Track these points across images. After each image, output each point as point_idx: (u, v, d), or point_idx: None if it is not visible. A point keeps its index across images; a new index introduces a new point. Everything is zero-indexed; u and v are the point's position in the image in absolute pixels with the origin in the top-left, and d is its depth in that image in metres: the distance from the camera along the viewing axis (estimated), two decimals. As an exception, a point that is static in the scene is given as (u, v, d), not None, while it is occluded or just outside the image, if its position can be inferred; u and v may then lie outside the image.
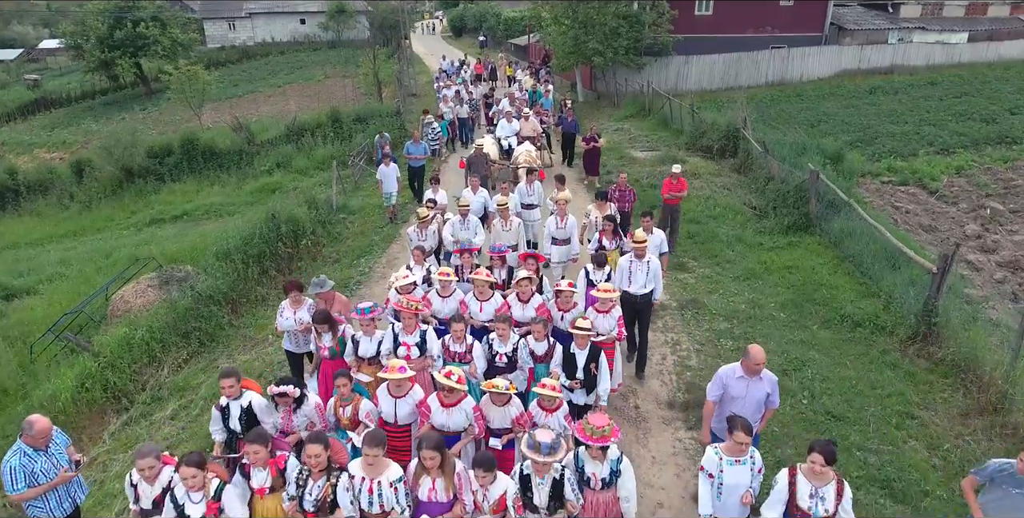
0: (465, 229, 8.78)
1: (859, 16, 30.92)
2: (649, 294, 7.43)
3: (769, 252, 11.45)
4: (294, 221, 12.04)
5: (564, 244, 8.92)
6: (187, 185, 21.02)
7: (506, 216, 8.87)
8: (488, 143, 14.13)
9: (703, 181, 15.14)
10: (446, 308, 6.77)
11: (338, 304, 6.96)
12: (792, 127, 19.89)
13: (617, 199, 10.39)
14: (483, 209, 10.15)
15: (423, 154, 14.27)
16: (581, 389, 5.78)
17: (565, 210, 8.84)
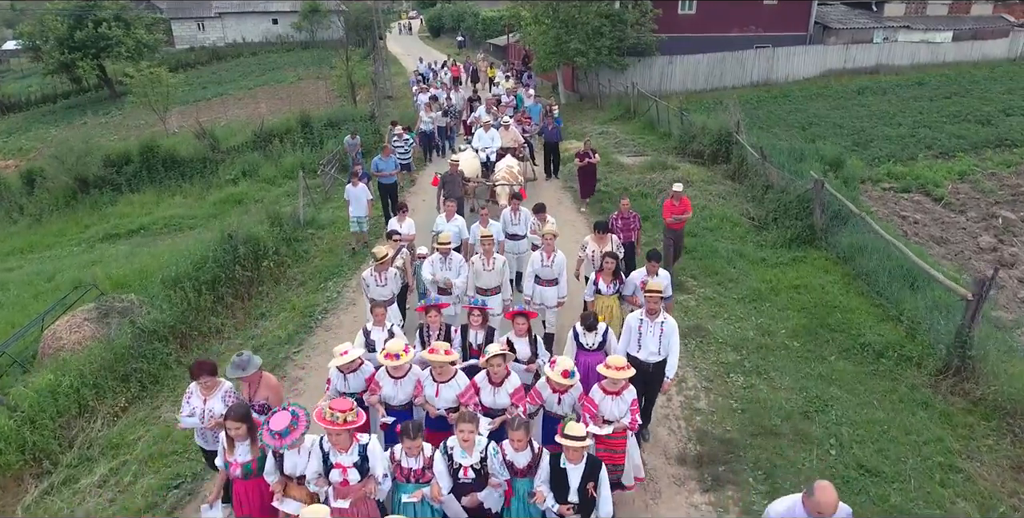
0: (447, 269, 7.55)
1: (843, 15, 30.42)
2: (662, 363, 6.01)
3: (773, 269, 10.58)
4: (254, 241, 10.90)
5: (551, 285, 7.56)
6: (146, 196, 19.66)
7: (489, 253, 7.50)
8: (465, 158, 12.69)
9: (696, 189, 14.25)
10: (400, 393, 5.28)
11: (265, 389, 5.19)
12: (783, 130, 19.15)
13: (620, 228, 9.03)
14: (458, 240, 8.98)
15: (393, 169, 13.01)
16: (575, 516, 4.39)
17: (553, 245, 7.50)
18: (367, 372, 5.50)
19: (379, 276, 7.29)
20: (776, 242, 11.50)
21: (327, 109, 25.75)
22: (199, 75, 46.15)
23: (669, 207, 9.82)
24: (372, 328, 6.20)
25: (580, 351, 6.03)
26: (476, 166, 12.96)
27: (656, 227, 11.94)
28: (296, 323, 9.36)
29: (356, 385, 5.49)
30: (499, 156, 13.23)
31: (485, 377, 5.23)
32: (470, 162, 12.67)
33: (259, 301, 10.44)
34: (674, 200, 9.73)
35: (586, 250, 8.08)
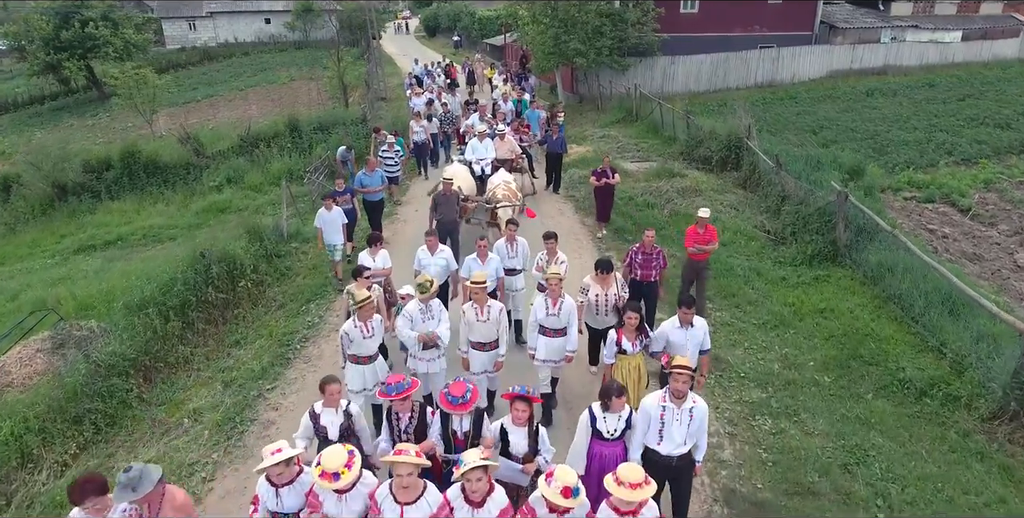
0: (428, 317, 6.17)
1: (849, 14, 29.62)
2: (689, 454, 4.81)
3: (795, 290, 9.73)
4: (230, 259, 10.01)
5: (559, 336, 6.34)
6: (126, 204, 18.75)
7: (482, 302, 6.10)
8: (459, 173, 11.26)
9: (706, 199, 13.39)
10: (346, 511, 3.97)
11: (170, 509, 3.90)
12: (794, 134, 18.33)
13: (639, 265, 7.70)
14: (445, 275, 7.87)
15: (380, 185, 11.69)
16: None
17: (559, 291, 6.25)
18: (306, 484, 4.11)
19: (365, 326, 5.86)
20: (796, 259, 10.65)
21: (318, 112, 24.87)
22: (190, 76, 45.19)
23: (692, 235, 8.45)
24: (322, 410, 4.86)
25: (596, 440, 4.70)
26: (472, 182, 11.68)
27: (667, 245, 11.09)
28: (272, 353, 8.47)
29: (292, 503, 4.14)
30: (493, 168, 12.20)
31: (460, 494, 3.86)
32: (464, 177, 11.41)
33: (234, 326, 9.56)
34: (699, 227, 8.40)
35: (587, 294, 6.81)
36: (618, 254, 10.62)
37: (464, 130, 15.26)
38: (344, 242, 10.19)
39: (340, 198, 10.60)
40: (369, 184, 11.49)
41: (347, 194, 10.72)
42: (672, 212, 12.98)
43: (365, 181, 11.49)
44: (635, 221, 12.67)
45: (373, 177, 11.58)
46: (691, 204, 13.23)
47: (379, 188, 11.63)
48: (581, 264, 10.96)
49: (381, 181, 11.72)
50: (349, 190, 10.91)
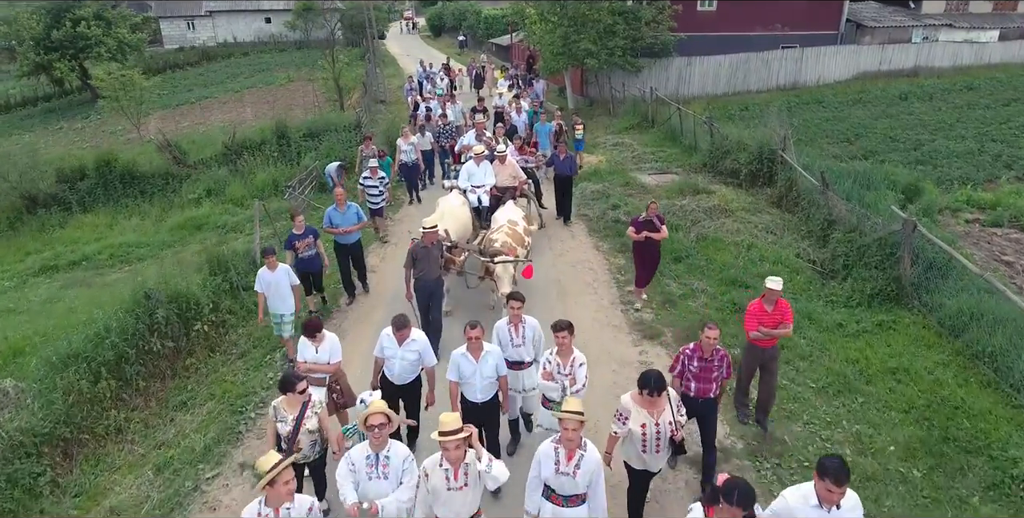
0: (377, 475, 4.15)
1: (878, 12, 27.85)
2: None
3: (856, 340, 8.10)
4: (183, 299, 8.47)
5: (573, 505, 4.28)
6: (99, 217, 17.29)
7: (456, 462, 4.01)
8: (450, 210, 9.17)
9: (737, 221, 11.79)
10: None
11: None
12: (829, 143, 16.67)
13: (696, 375, 5.44)
14: (416, 373, 5.89)
15: (354, 222, 9.17)
16: None
17: (578, 438, 4.14)
18: None
19: (275, 513, 3.72)
20: (852, 298, 9.01)
21: (310, 117, 23.37)
22: (186, 77, 43.89)
23: (758, 313, 6.13)
24: None
25: None
26: (465, 221, 9.44)
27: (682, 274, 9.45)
28: (221, 424, 6.92)
29: None
30: (493, 198, 10.27)
31: None
32: (457, 214, 9.22)
33: (184, 380, 8.02)
34: (766, 303, 6.12)
35: (626, 422, 4.76)
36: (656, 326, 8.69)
37: (459, 149, 13.04)
38: (287, 316, 7.79)
39: (300, 243, 8.50)
40: (341, 223, 9.07)
41: (309, 237, 8.55)
42: (700, 236, 11.35)
43: (335, 219, 9.08)
44: (659, 247, 11.05)
45: (345, 214, 9.07)
46: (720, 226, 11.63)
47: (353, 227, 9.17)
48: (597, 302, 9.39)
49: (357, 218, 9.25)
50: (311, 232, 8.65)
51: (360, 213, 9.40)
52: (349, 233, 9.17)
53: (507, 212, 9.30)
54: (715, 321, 5.89)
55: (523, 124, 15.28)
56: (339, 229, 9.11)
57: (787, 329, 6.18)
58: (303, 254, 8.53)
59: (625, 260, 10.80)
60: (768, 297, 6.15)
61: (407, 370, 5.82)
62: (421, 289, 7.73)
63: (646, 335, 8.48)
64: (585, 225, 12.39)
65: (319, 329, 5.98)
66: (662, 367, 7.78)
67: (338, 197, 9.22)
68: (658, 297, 9.55)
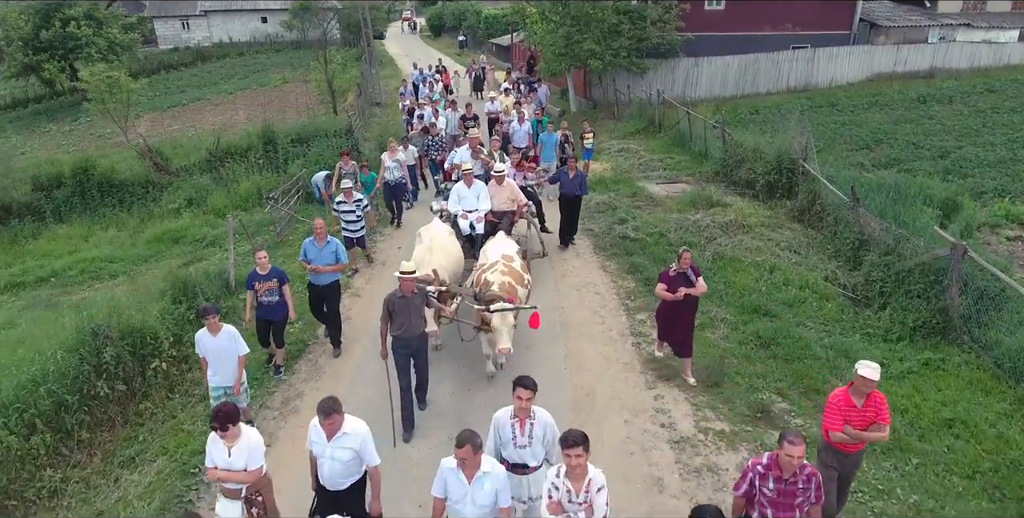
0: None
1: (892, 12, 26.83)
2: None
3: (901, 384, 7.11)
4: (138, 334, 7.50)
5: None
6: (75, 228, 16.32)
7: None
8: (438, 245, 7.76)
9: (756, 238, 10.80)
10: None
11: None
12: (847, 150, 15.67)
13: (773, 501, 4.06)
14: (355, 476, 4.53)
15: (330, 262, 7.76)
16: None
17: None
18: None
19: None
20: (891, 331, 8.04)
21: (302, 120, 22.40)
22: (180, 77, 42.94)
23: (844, 405, 4.61)
24: None
25: None
26: (457, 256, 8.10)
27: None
28: (168, 490, 5.94)
29: None
30: (490, 224, 8.89)
31: None
32: (445, 246, 7.84)
33: (136, 428, 7.05)
34: (855, 395, 4.61)
35: None
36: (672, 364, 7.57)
37: (448, 167, 11.46)
38: (227, 389, 6.28)
39: (261, 285, 7.10)
40: (315, 260, 7.70)
41: (273, 280, 7.14)
42: (716, 255, 10.37)
43: (311, 253, 7.72)
44: (670, 267, 10.07)
45: (322, 249, 7.68)
46: (738, 244, 10.64)
47: (331, 266, 7.75)
48: (605, 334, 8.39)
49: (335, 258, 7.77)
50: (277, 274, 7.20)
51: (341, 252, 7.85)
52: (326, 273, 7.76)
53: (499, 246, 7.83)
54: (797, 433, 3.99)
55: (525, 134, 13.93)
56: (314, 265, 7.75)
57: (883, 432, 4.65)
58: (263, 298, 7.18)
59: (635, 283, 9.83)
60: (857, 388, 4.58)
61: (340, 473, 4.42)
62: (400, 348, 6.31)
63: (661, 375, 7.49)
64: (590, 241, 11.40)
65: (233, 421, 4.33)
66: (680, 415, 6.86)
67: (318, 230, 7.78)
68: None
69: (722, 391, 7.15)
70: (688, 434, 6.47)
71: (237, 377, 6.30)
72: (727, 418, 6.71)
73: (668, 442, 6.41)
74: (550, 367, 7.64)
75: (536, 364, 7.61)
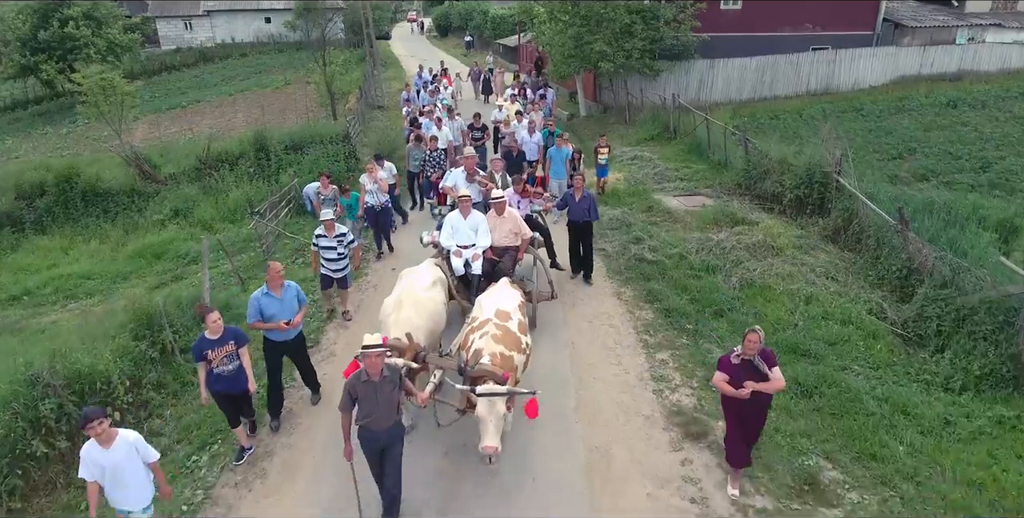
0: None
1: (917, 11, 25.65)
2: None
3: (973, 448, 6.05)
4: (87, 380, 6.54)
5: None
6: (55, 239, 15.43)
7: None
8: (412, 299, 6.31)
9: (788, 261, 9.73)
10: None
11: None
12: (876, 159, 14.56)
13: None
14: None
15: (295, 311, 6.40)
16: None
17: None
18: None
19: None
20: (952, 378, 6.97)
21: (298, 124, 21.45)
22: (181, 79, 42.22)
23: None
24: None
25: None
26: (436, 315, 6.48)
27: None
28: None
29: None
30: (489, 262, 7.58)
31: None
32: (422, 302, 6.32)
33: (79, 493, 6.07)
34: None
35: None
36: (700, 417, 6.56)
37: (442, 188, 9.99)
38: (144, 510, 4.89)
39: (215, 352, 5.65)
40: (276, 314, 6.18)
41: (228, 343, 5.72)
42: (743, 282, 9.31)
43: (265, 306, 6.18)
44: (694, 296, 9.03)
45: (283, 298, 6.23)
46: (768, 269, 9.57)
47: (289, 323, 6.24)
48: (621, 378, 7.35)
49: (298, 302, 6.42)
50: (233, 336, 5.77)
51: (300, 294, 6.47)
52: (287, 330, 6.28)
53: (496, 297, 6.32)
54: None
55: (536, 146, 12.58)
56: (271, 323, 6.16)
57: None
58: (219, 369, 5.72)
59: (654, 313, 8.80)
60: None
61: None
62: (368, 441, 5.03)
63: (689, 433, 6.45)
64: (603, 263, 10.34)
65: None
66: (713, 486, 5.83)
67: (271, 275, 6.19)
68: (699, 370, 7.51)
69: (761, 454, 6.11)
70: (724, 514, 5.43)
71: (160, 489, 4.94)
72: (769, 491, 5.68)
73: (700, 523, 5.39)
74: (558, 421, 6.61)
75: (541, 417, 6.56)
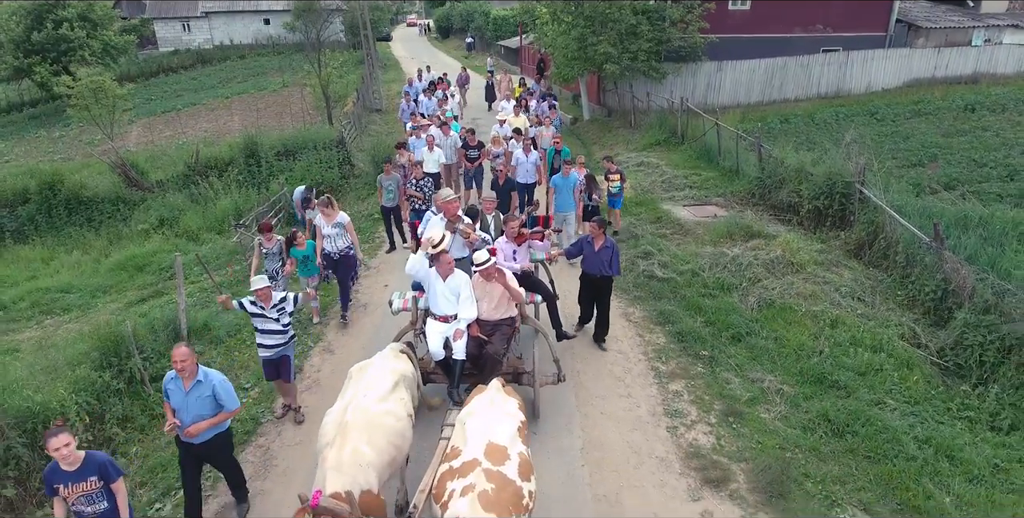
0: None
1: (931, 12, 24.95)
2: None
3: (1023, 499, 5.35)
4: (40, 416, 5.88)
5: None
6: (37, 249, 14.80)
7: None
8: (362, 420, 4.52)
9: (809, 279, 9.03)
10: None
11: None
12: (895, 166, 13.87)
13: None
14: None
15: (210, 413, 4.94)
16: None
17: None
18: None
19: None
20: (998, 416, 6.28)
21: (293, 129, 20.82)
22: (178, 81, 41.68)
23: None
24: None
25: None
26: (395, 437, 4.68)
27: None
28: None
29: None
30: (475, 342, 5.95)
31: None
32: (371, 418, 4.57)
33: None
34: None
35: None
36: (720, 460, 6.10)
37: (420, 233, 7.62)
38: None
39: (70, 489, 4.23)
40: (183, 410, 4.87)
41: (92, 477, 4.27)
42: (762, 302, 8.62)
43: (171, 392, 4.91)
44: (709, 318, 8.35)
45: (192, 394, 4.86)
46: (789, 287, 8.87)
47: (205, 425, 4.89)
48: (632, 412, 6.67)
49: (213, 405, 4.92)
50: (97, 465, 4.30)
51: (223, 396, 4.92)
52: (191, 436, 4.88)
53: (486, 418, 4.51)
54: None
55: (532, 166, 10.89)
56: (174, 424, 4.85)
57: None
58: (77, 508, 4.32)
59: (666, 337, 8.12)
60: None
61: None
62: None
63: (708, 478, 5.77)
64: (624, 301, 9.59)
65: None
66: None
67: (179, 365, 4.75)
68: (716, 402, 6.83)
69: (789, 505, 5.43)
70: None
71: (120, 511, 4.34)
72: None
73: (725, 590, 4.71)
74: (563, 464, 5.94)
75: (544, 459, 5.90)
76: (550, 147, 11.79)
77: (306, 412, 6.85)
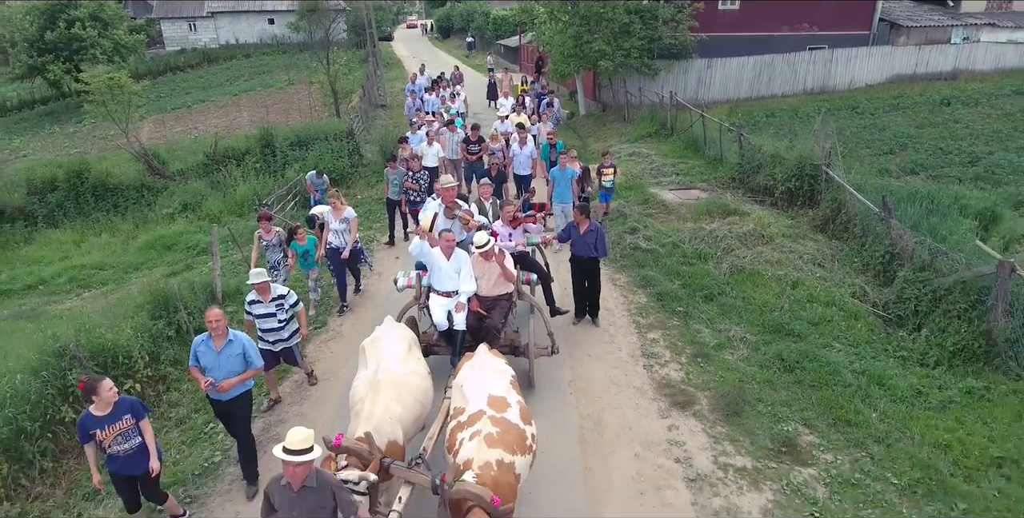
0: None
1: (912, 11, 26.05)
2: None
3: (942, 415, 6.42)
4: (109, 353, 6.95)
5: None
6: (67, 233, 15.89)
7: None
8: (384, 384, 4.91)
9: (777, 249, 10.12)
10: None
11: None
12: (868, 154, 14.94)
13: None
14: None
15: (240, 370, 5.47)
16: None
17: None
18: None
19: None
20: (927, 354, 7.34)
21: (302, 123, 21.89)
22: (185, 79, 42.73)
23: None
24: None
25: None
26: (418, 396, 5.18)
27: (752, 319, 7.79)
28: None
29: None
30: (475, 315, 6.63)
31: None
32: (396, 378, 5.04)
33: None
34: None
35: None
36: (687, 389, 7.22)
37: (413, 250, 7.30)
38: None
39: (106, 431, 4.73)
40: (215, 369, 5.36)
41: (124, 416, 4.81)
42: (734, 268, 9.70)
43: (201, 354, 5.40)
44: (686, 282, 9.43)
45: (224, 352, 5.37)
46: (758, 256, 9.95)
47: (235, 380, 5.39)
48: (614, 355, 7.74)
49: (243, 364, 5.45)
50: (130, 407, 4.84)
51: (251, 354, 5.46)
52: (224, 390, 5.40)
53: (481, 378, 4.94)
54: None
55: (527, 158, 11.55)
56: (209, 382, 5.31)
57: None
58: (113, 449, 4.77)
59: (647, 298, 9.20)
60: None
61: None
62: None
63: (676, 402, 6.85)
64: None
65: None
66: (697, 448, 6.21)
67: (211, 324, 5.24)
68: (688, 348, 7.91)
69: (743, 421, 6.51)
70: (706, 471, 5.83)
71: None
72: (749, 452, 6.07)
73: (684, 480, 5.78)
74: (554, 392, 7.03)
75: (538, 389, 7.00)
76: (544, 142, 12.25)
77: (330, 357, 7.92)
